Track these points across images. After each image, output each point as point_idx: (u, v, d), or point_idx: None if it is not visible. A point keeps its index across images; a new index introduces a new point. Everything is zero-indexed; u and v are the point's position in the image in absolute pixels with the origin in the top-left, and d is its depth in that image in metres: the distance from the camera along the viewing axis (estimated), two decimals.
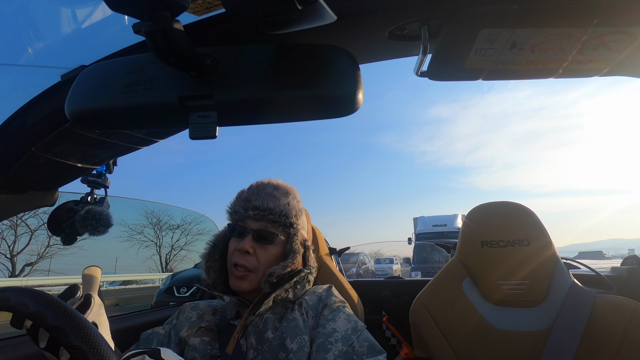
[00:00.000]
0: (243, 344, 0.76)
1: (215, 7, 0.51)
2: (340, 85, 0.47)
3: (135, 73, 0.49)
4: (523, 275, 1.06)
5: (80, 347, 0.43)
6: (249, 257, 0.81)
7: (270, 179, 0.93)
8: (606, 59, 0.55)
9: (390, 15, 0.52)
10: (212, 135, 0.47)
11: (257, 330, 0.77)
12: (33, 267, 8.22)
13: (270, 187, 0.88)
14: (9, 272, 7.99)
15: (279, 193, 0.87)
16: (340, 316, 0.78)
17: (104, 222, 0.91)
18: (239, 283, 0.81)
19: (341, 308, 0.82)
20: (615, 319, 0.92)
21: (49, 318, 0.44)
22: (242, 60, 0.49)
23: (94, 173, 0.94)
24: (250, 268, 0.81)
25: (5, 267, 7.95)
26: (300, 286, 0.85)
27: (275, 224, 0.84)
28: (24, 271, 8.16)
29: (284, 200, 0.86)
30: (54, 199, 0.93)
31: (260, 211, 0.83)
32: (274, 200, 0.85)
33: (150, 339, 0.84)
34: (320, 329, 0.75)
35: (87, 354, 0.43)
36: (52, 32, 0.66)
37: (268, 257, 0.82)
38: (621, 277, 1.41)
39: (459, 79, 0.61)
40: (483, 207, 1.19)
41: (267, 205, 0.84)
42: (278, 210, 0.84)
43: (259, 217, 0.83)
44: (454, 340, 1.06)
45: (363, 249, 14.75)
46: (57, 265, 8.22)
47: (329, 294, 0.86)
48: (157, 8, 0.37)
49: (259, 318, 0.79)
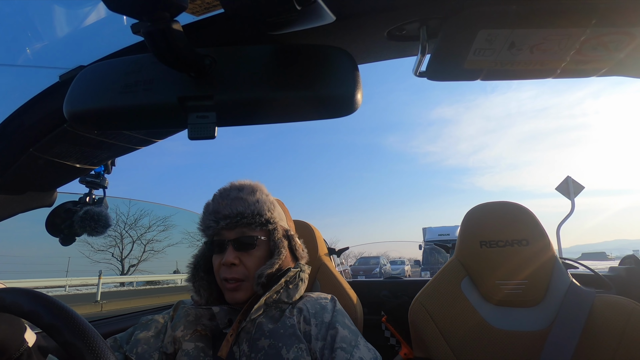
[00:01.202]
0: (236, 352, 0.75)
1: (214, 7, 0.51)
2: (339, 85, 0.47)
3: (134, 73, 0.49)
4: (522, 275, 1.06)
5: (76, 344, 0.43)
6: (236, 268, 0.79)
7: (232, 182, 0.90)
8: (605, 59, 0.55)
9: (389, 15, 0.52)
10: (211, 135, 0.47)
11: (250, 337, 0.75)
12: (135, 267, 10.66)
13: (234, 191, 0.85)
14: (120, 272, 10.35)
15: (245, 193, 0.84)
16: (360, 342, 0.77)
17: (102, 223, 0.91)
18: (234, 295, 0.80)
19: (356, 331, 0.80)
20: (614, 319, 0.92)
21: (44, 317, 0.44)
22: (241, 60, 0.49)
23: (93, 173, 0.93)
24: (241, 278, 0.79)
25: (117, 268, 10.34)
26: (292, 285, 0.83)
27: (251, 226, 0.81)
28: (129, 271, 10.55)
29: (252, 198, 0.83)
30: (53, 200, 0.93)
31: (231, 218, 0.80)
32: (242, 203, 0.82)
33: (148, 325, 0.83)
34: (346, 355, 0.73)
35: (82, 351, 0.43)
36: (50, 32, 0.66)
37: (255, 262, 0.81)
38: (620, 276, 1.41)
39: (458, 79, 0.61)
40: (482, 207, 1.19)
41: (237, 210, 0.81)
42: (249, 212, 0.81)
43: (232, 225, 0.81)
44: (453, 340, 1.06)
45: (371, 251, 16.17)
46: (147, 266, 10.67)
47: (337, 308, 0.83)
48: (156, 9, 0.37)
49: (251, 324, 0.77)
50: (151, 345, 0.79)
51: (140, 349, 0.78)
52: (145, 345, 0.78)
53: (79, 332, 0.44)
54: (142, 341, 0.79)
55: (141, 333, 0.81)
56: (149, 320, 0.85)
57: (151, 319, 0.85)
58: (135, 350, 0.77)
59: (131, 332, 0.83)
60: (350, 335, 0.77)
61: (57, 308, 0.45)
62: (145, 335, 0.80)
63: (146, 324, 0.84)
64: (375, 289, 1.74)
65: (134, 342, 0.79)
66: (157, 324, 0.84)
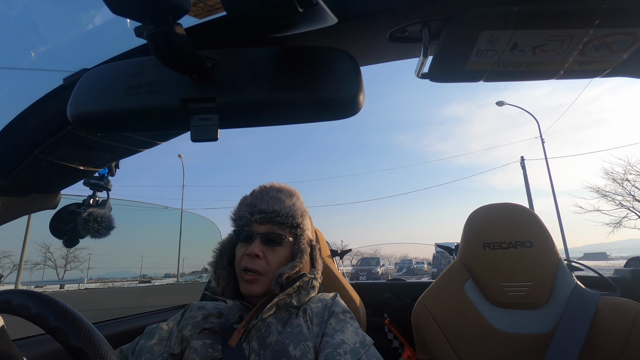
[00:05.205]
0: (245, 348, 0.76)
1: (216, 10, 0.51)
2: (342, 87, 0.47)
3: (137, 76, 0.49)
4: (526, 277, 1.06)
5: (82, 349, 0.43)
6: (258, 260, 0.81)
7: (272, 183, 0.94)
8: (608, 60, 0.55)
9: (391, 17, 0.52)
10: (214, 137, 0.47)
11: (260, 335, 0.77)
12: None
13: (274, 191, 0.90)
14: None
15: (284, 195, 0.88)
16: (348, 328, 0.78)
17: (105, 225, 0.91)
18: (250, 287, 0.81)
19: (348, 319, 0.81)
20: (619, 321, 0.91)
21: (51, 320, 0.45)
22: (244, 62, 0.49)
23: (96, 176, 0.94)
24: (261, 271, 0.81)
25: None
26: (304, 291, 0.85)
27: (282, 225, 0.85)
28: None
29: (289, 202, 0.87)
30: (56, 202, 0.93)
31: (266, 214, 0.84)
32: (279, 203, 0.86)
33: (152, 333, 0.85)
34: (327, 339, 0.75)
35: (88, 355, 0.43)
36: (54, 35, 0.66)
37: (277, 259, 0.83)
38: (625, 278, 1.40)
39: (461, 80, 0.61)
40: (485, 209, 1.18)
41: (273, 207, 0.85)
42: (284, 212, 0.85)
43: (265, 220, 0.84)
44: (456, 343, 1.06)
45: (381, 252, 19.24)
46: None
47: (334, 302, 0.85)
48: (159, 11, 0.37)
49: (261, 322, 0.79)
50: (154, 354, 0.80)
51: (144, 357, 0.79)
52: (149, 354, 0.80)
53: (85, 337, 0.44)
54: (146, 350, 0.81)
55: (145, 342, 0.83)
56: (153, 329, 0.86)
57: (155, 327, 0.86)
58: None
59: (136, 342, 0.84)
60: (336, 323, 0.78)
61: (64, 312, 0.45)
62: (148, 344, 0.82)
63: (150, 333, 0.85)
64: (378, 291, 1.73)
65: (138, 352, 0.81)
66: (160, 331, 0.85)
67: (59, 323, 0.44)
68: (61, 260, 18.07)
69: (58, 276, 17.96)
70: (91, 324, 0.46)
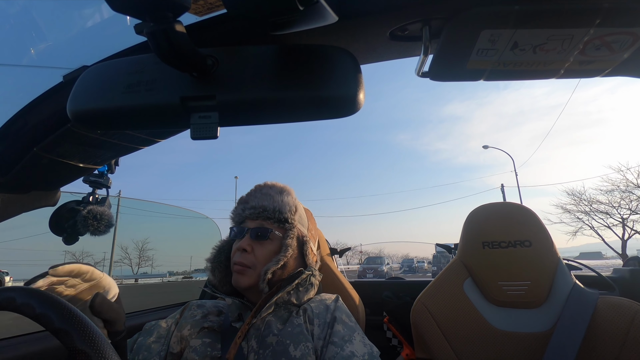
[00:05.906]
0: (244, 347, 0.76)
1: (216, 7, 0.51)
2: (342, 85, 0.47)
3: (137, 74, 0.49)
4: (524, 276, 1.06)
5: (85, 352, 0.43)
6: (247, 254, 0.84)
7: (267, 181, 0.98)
8: (608, 59, 0.55)
9: (392, 16, 0.52)
10: (214, 135, 0.47)
11: (259, 334, 0.77)
12: None
13: (266, 188, 0.93)
14: None
15: (274, 191, 0.92)
16: (356, 337, 0.78)
17: (105, 222, 0.91)
18: (238, 278, 0.83)
19: (355, 327, 0.81)
20: (617, 320, 0.91)
21: (55, 321, 0.44)
22: (244, 60, 0.49)
23: (96, 173, 0.94)
24: (248, 265, 0.83)
25: None
26: (303, 289, 0.85)
27: (270, 220, 0.88)
28: None
29: (278, 197, 0.90)
30: (56, 199, 0.93)
31: (256, 209, 0.88)
32: (269, 199, 0.89)
33: (150, 331, 0.85)
34: (336, 349, 0.74)
35: (92, 358, 0.43)
36: (54, 32, 0.66)
37: (265, 253, 0.84)
38: (623, 278, 1.41)
39: (461, 79, 0.61)
40: (484, 208, 1.18)
41: (262, 203, 0.88)
42: (272, 207, 0.88)
43: (255, 215, 0.88)
44: (455, 341, 1.06)
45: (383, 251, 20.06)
46: None
47: (337, 306, 0.85)
48: (159, 9, 0.37)
49: (260, 321, 0.79)
50: (152, 351, 0.80)
51: (142, 355, 0.79)
52: (146, 352, 0.80)
53: (89, 339, 0.44)
54: (143, 348, 0.81)
55: (143, 339, 0.83)
56: (152, 326, 0.87)
57: (154, 325, 0.87)
58: (137, 357, 0.79)
59: (135, 339, 0.85)
60: (344, 331, 0.78)
61: (68, 312, 0.45)
62: (146, 342, 0.82)
63: (149, 330, 0.86)
64: (377, 290, 1.74)
65: (136, 349, 0.81)
66: (159, 329, 0.86)
67: (63, 324, 0.44)
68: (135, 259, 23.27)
69: (133, 272, 23.19)
70: (96, 327, 0.46)
